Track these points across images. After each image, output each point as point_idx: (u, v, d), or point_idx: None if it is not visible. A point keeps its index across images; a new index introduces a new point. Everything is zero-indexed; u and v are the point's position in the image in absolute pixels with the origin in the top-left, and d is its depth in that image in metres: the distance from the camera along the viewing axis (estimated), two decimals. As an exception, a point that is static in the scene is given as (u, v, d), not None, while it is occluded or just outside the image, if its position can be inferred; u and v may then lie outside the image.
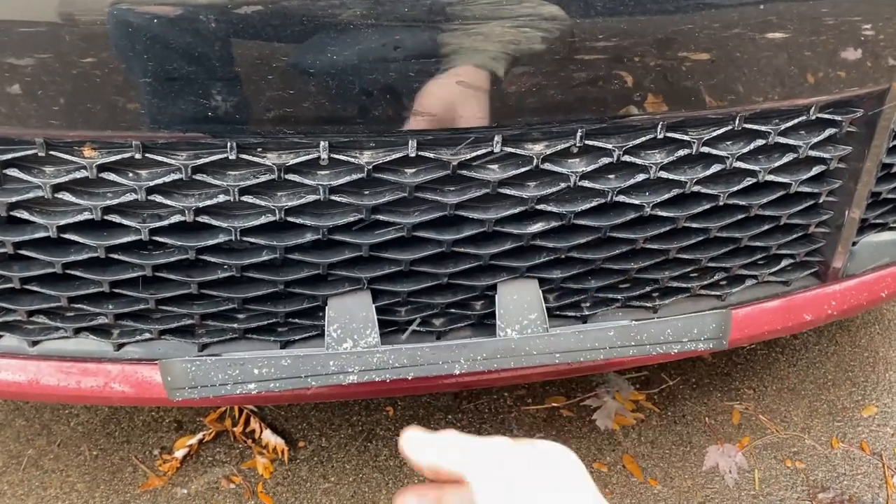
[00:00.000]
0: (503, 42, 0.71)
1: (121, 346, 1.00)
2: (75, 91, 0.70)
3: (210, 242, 0.84)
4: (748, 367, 1.66)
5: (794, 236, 1.05)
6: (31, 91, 0.71)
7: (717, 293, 1.11)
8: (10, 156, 0.77)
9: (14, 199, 0.80)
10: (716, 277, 1.08)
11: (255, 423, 1.47)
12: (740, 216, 0.97)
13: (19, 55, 0.68)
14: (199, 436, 1.45)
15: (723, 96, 0.80)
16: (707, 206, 0.92)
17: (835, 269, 1.13)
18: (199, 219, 0.82)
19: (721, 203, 0.93)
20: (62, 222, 0.82)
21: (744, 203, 0.95)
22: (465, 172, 0.82)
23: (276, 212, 0.81)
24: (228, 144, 0.76)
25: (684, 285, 1.06)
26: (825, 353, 1.70)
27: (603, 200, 0.87)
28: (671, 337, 0.93)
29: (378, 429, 1.50)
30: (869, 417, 1.57)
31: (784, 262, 1.10)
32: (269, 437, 1.45)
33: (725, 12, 0.75)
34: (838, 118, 0.89)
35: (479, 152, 0.81)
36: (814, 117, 0.88)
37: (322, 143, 0.77)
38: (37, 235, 0.84)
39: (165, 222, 0.82)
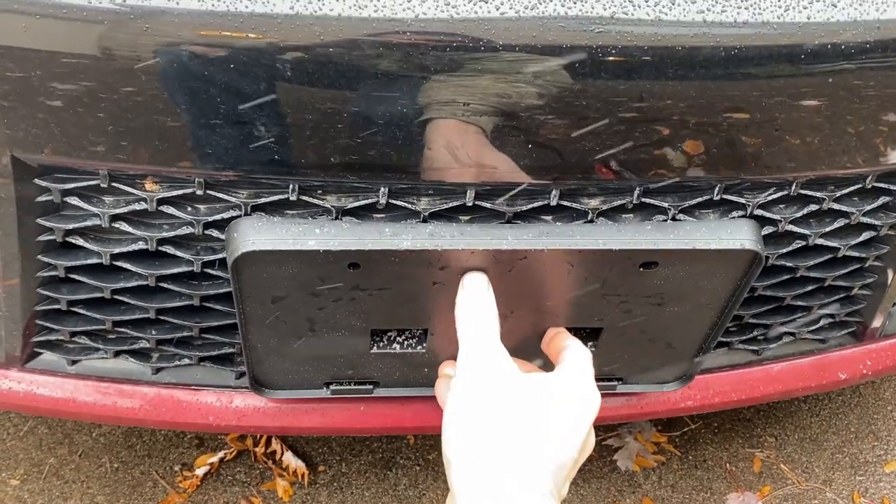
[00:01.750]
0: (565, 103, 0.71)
1: (159, 370, 1.00)
2: (142, 127, 0.71)
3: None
4: (771, 415, 1.65)
5: (837, 297, 1.05)
6: (97, 125, 0.71)
7: (755, 348, 1.10)
8: (72, 185, 0.77)
9: (71, 225, 0.80)
10: (755, 333, 1.08)
11: (276, 445, 1.47)
12: (786, 276, 0.97)
13: (82, 89, 0.69)
14: (221, 454, 1.45)
15: (781, 163, 0.80)
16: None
17: (873, 329, 1.13)
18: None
19: (768, 263, 0.93)
20: (116, 250, 0.83)
21: (791, 264, 0.95)
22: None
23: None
24: (290, 186, 0.76)
25: (724, 339, 1.06)
26: (849, 404, 1.69)
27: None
28: None
29: (398, 457, 1.50)
30: (891, 473, 1.56)
31: (823, 321, 1.10)
32: (289, 459, 1.45)
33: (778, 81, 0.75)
34: (894, 188, 0.89)
35: (536, 204, 0.81)
36: (869, 186, 0.88)
37: (382, 189, 0.78)
38: (89, 261, 0.84)
39: (220, 255, 0.83)
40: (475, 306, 0.75)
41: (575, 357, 0.75)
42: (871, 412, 1.67)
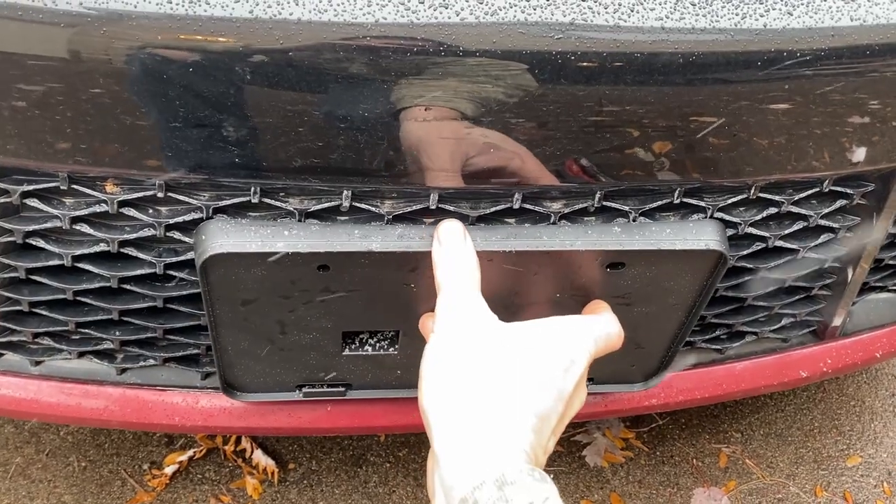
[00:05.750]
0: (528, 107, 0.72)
1: (123, 370, 1.00)
2: (102, 129, 0.70)
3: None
4: (737, 410, 1.68)
5: (797, 297, 1.07)
6: (56, 127, 0.70)
7: (718, 347, 1.12)
8: (31, 187, 0.76)
9: (31, 227, 0.80)
10: (718, 332, 1.09)
11: (246, 443, 1.47)
12: (747, 277, 0.98)
13: (42, 91, 0.68)
14: (190, 452, 1.45)
15: (739, 167, 0.81)
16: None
17: (833, 328, 1.15)
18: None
19: (730, 265, 0.95)
20: (77, 252, 0.82)
21: (752, 266, 0.96)
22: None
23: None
24: (252, 188, 0.76)
25: (688, 339, 1.08)
26: (813, 399, 1.72)
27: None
28: None
29: (369, 454, 1.50)
30: (853, 467, 1.59)
31: (785, 321, 1.12)
32: (259, 457, 1.45)
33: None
34: (850, 191, 0.91)
35: (499, 207, 0.81)
36: (827, 189, 0.89)
37: (345, 192, 0.78)
38: (51, 263, 0.84)
39: (183, 257, 0.82)
40: (450, 257, 0.72)
41: (587, 313, 0.71)
42: (834, 408, 1.71)
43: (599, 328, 0.71)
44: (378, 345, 0.91)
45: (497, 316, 0.69)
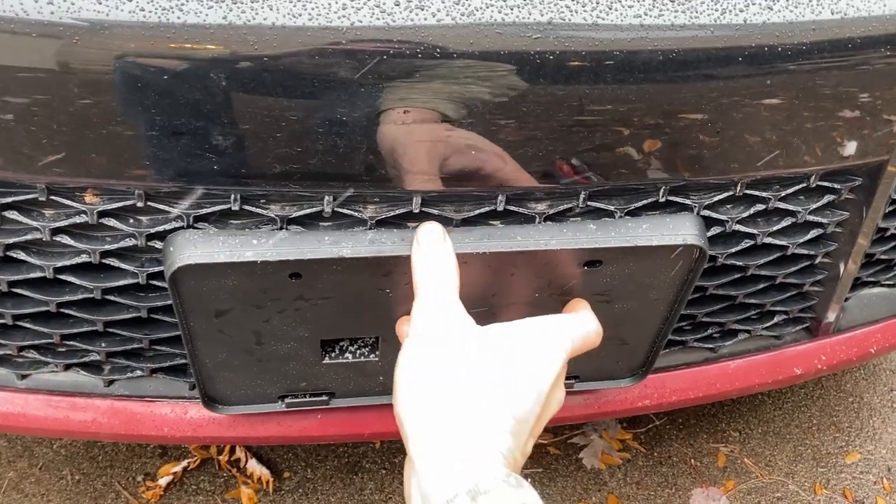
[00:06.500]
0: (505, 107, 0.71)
1: (111, 382, 0.99)
2: (80, 139, 0.70)
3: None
4: (734, 409, 1.67)
5: (789, 294, 1.06)
6: (33, 138, 0.70)
7: (710, 345, 1.11)
8: (10, 199, 0.76)
9: (12, 240, 0.79)
10: (710, 331, 1.09)
11: (240, 452, 1.46)
12: (737, 275, 0.98)
13: (16, 102, 0.68)
14: (184, 463, 1.44)
15: (723, 164, 0.81)
16: (705, 266, 0.93)
17: (826, 324, 1.14)
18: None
19: (718, 263, 0.94)
20: (59, 264, 0.81)
21: (741, 263, 0.96)
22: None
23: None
24: (232, 196, 0.76)
25: (678, 338, 1.07)
26: (811, 396, 1.71)
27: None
28: None
29: (364, 461, 1.49)
30: (852, 464, 1.58)
31: (777, 318, 1.11)
32: (254, 466, 1.44)
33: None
34: (837, 186, 0.90)
35: (483, 210, 0.81)
36: (814, 185, 0.89)
37: (327, 198, 0.77)
38: (33, 275, 0.83)
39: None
40: (429, 260, 0.71)
41: (564, 312, 0.70)
42: (832, 404, 1.70)
43: (576, 327, 0.71)
44: (358, 352, 0.90)
45: (476, 318, 0.68)
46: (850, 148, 0.85)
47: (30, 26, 0.64)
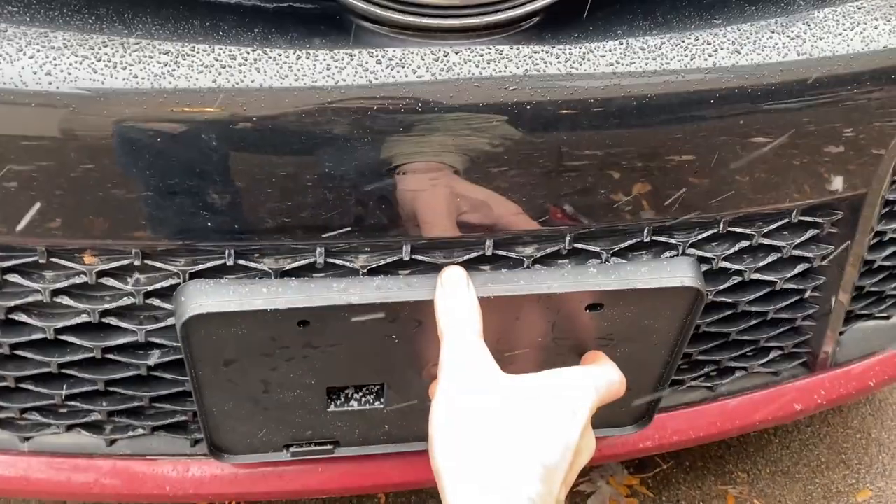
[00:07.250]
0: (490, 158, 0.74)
1: (113, 441, 1.00)
2: (79, 202, 0.72)
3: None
4: (741, 450, 1.65)
5: (782, 329, 1.07)
6: (31, 202, 0.72)
7: (709, 384, 1.12)
8: (10, 263, 0.78)
9: (13, 303, 0.81)
10: (707, 369, 1.09)
11: (245, 511, 1.45)
12: (728, 312, 0.99)
13: (14, 169, 0.70)
14: (188, 524, 1.43)
15: (703, 203, 0.83)
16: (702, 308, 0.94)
17: (823, 359, 1.15)
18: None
19: (708, 300, 0.95)
20: (59, 325, 0.83)
21: (731, 300, 0.97)
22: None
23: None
24: (227, 251, 0.78)
25: (677, 377, 1.07)
26: (818, 434, 1.70)
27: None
28: None
29: (369, 516, 1.48)
30: (863, 502, 1.56)
31: (773, 354, 1.12)
32: (259, 525, 1.43)
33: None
34: (820, 220, 0.92)
35: (472, 255, 0.83)
36: (796, 220, 0.91)
37: (318, 249, 0.79)
38: (34, 337, 0.85)
39: (164, 324, 0.83)
40: (453, 304, 0.73)
41: (584, 364, 0.73)
42: (840, 441, 1.68)
43: (600, 377, 0.74)
44: (364, 399, 0.91)
45: None
46: (829, 182, 0.87)
47: (28, 96, 0.67)
